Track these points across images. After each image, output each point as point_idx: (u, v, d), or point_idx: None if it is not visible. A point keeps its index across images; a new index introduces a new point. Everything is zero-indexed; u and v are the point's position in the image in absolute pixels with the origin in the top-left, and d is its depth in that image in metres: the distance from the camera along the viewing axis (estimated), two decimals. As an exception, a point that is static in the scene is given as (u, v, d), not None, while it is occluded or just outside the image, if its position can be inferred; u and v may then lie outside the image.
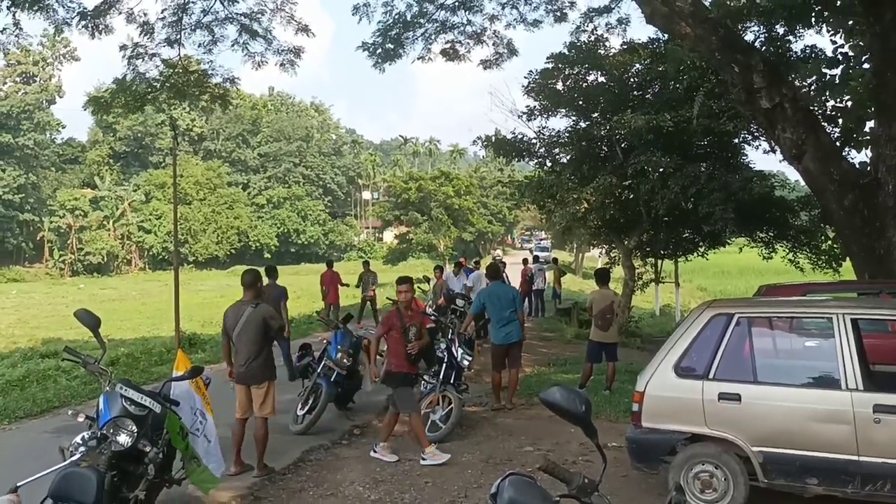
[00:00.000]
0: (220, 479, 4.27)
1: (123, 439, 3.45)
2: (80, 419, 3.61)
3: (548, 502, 1.73)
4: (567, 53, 12.94)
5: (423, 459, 5.35)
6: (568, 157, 13.73)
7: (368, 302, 13.54)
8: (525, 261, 18.32)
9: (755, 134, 11.88)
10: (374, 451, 5.48)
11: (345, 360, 6.65)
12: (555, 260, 20.56)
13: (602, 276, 8.26)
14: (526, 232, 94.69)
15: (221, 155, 72.33)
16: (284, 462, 5.44)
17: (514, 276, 17.09)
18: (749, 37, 8.43)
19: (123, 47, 10.79)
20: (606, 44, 12.78)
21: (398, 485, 4.90)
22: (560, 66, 13.07)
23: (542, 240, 78.73)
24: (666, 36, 10.37)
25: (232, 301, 5.46)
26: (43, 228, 58.66)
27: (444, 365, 6.53)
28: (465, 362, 6.60)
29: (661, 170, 11.14)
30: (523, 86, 13.39)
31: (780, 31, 8.33)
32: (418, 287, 12.39)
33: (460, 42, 11.25)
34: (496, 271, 7.72)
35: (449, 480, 4.99)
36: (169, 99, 12.27)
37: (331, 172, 79.45)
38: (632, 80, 12.93)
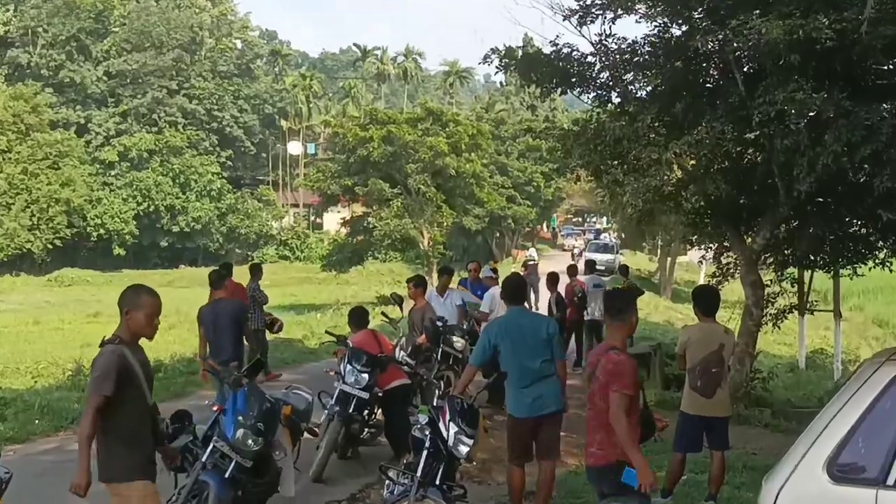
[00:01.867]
0: None
1: None
2: None
3: None
4: None
5: None
6: (649, 89, 13.70)
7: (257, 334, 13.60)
8: (572, 270, 18.31)
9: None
10: None
11: (249, 442, 6.64)
12: (624, 269, 20.60)
13: (705, 300, 8.26)
14: (573, 218, 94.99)
15: (40, 74, 72.17)
16: None
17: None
18: None
19: None
20: None
21: None
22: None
23: (597, 231, 78.78)
24: None
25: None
26: None
27: (426, 453, 6.57)
28: (463, 448, 6.58)
29: (811, 114, 11.12)
30: (573, -38, 13.34)
31: None
32: (382, 316, 12.36)
33: None
34: (517, 289, 7.70)
35: None
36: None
37: (233, 107, 79.34)
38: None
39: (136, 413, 5.35)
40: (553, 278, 16.31)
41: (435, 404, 7.07)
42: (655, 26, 13.70)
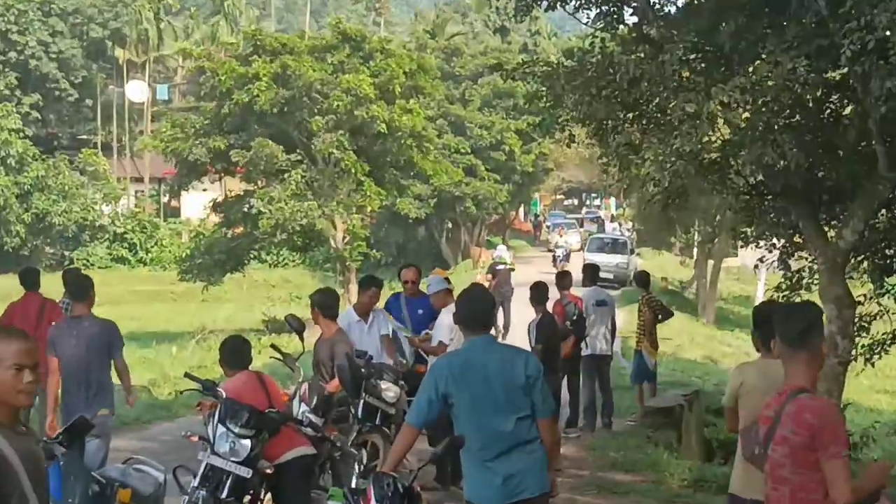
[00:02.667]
0: None
1: None
2: None
3: None
4: None
5: None
6: (681, 4, 13.84)
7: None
8: (564, 279, 18.36)
9: None
10: None
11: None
12: (642, 278, 20.69)
13: (765, 325, 8.35)
14: (564, 200, 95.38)
15: None
16: None
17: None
18: None
19: None
20: None
21: None
22: None
23: (601, 219, 79.04)
24: None
25: None
26: None
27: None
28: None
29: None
30: None
31: None
32: (272, 351, 12.31)
33: None
34: (479, 308, 7.67)
35: None
36: None
37: (41, 29, 78.55)
38: None
39: None
40: (539, 291, 16.01)
41: (354, 485, 7.10)
42: None
